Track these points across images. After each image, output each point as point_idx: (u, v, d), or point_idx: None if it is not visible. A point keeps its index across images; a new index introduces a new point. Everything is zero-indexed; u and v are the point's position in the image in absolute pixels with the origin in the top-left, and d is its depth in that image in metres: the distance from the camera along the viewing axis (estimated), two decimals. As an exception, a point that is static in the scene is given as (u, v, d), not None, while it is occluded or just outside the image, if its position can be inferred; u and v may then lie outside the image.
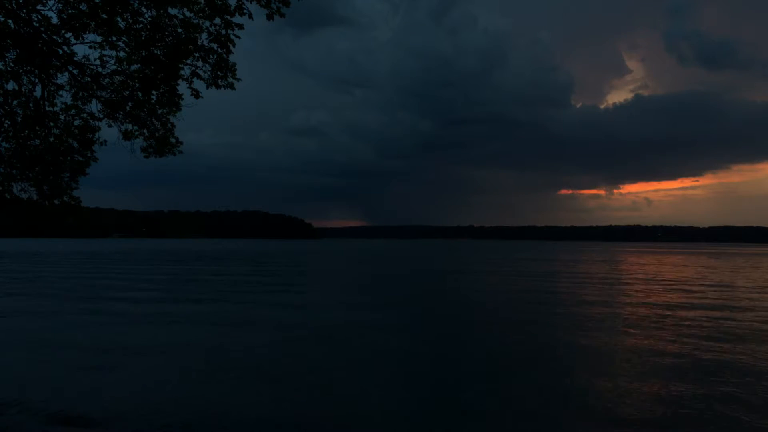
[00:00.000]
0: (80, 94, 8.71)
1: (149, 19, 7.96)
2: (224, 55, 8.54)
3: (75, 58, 8.25)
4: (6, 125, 8.36)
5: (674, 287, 29.78)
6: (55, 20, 7.78)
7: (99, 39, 8.04)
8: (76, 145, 8.94)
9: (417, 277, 37.63)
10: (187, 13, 8.06)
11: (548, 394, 9.41)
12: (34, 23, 7.73)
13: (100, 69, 8.45)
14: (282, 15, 8.43)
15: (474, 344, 13.94)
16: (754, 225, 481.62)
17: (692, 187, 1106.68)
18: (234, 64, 8.74)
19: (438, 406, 8.75)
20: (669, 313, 19.23)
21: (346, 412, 8.50)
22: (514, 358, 12.31)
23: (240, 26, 8.29)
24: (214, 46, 8.40)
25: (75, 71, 8.45)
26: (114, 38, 8.00)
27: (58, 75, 8.49)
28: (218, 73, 8.65)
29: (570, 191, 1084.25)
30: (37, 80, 8.40)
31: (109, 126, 8.98)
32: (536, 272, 43.00)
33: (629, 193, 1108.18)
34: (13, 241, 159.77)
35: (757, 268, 50.66)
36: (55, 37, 7.92)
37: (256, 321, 17.35)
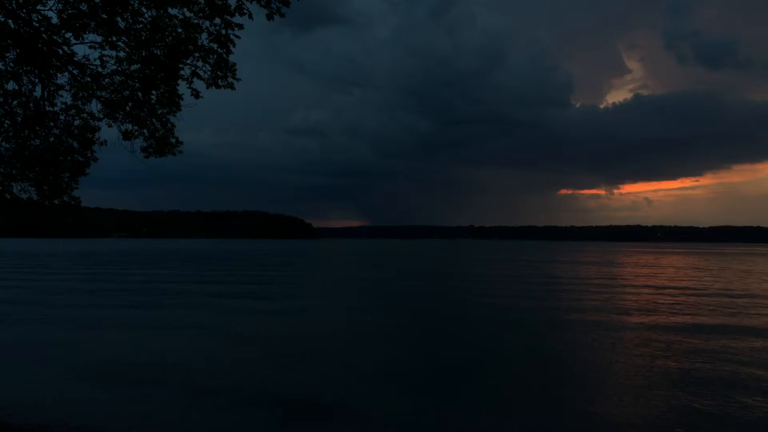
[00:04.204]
0: (80, 94, 8.72)
1: (149, 19, 7.97)
2: (224, 55, 8.54)
3: (75, 58, 8.25)
4: (6, 125, 8.36)
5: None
6: (55, 20, 7.78)
7: (99, 39, 8.04)
8: (76, 145, 8.94)
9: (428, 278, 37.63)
10: (187, 13, 8.06)
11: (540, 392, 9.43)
12: (34, 23, 7.73)
13: (100, 69, 8.46)
14: (282, 15, 8.43)
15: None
16: (754, 225, 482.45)
17: (692, 187, 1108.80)
18: (234, 64, 8.74)
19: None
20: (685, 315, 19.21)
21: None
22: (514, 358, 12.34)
23: (240, 26, 8.29)
24: (214, 46, 8.40)
25: (75, 71, 8.45)
26: (114, 38, 8.00)
27: (58, 75, 8.49)
28: (218, 73, 8.65)
29: (570, 191, 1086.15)
30: (37, 80, 8.40)
31: (109, 126, 8.99)
32: (538, 274, 43.01)
33: (629, 193, 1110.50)
34: (14, 241, 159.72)
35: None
36: (55, 37, 7.92)
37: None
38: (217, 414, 8.21)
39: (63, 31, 7.86)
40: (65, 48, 8.09)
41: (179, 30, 8.11)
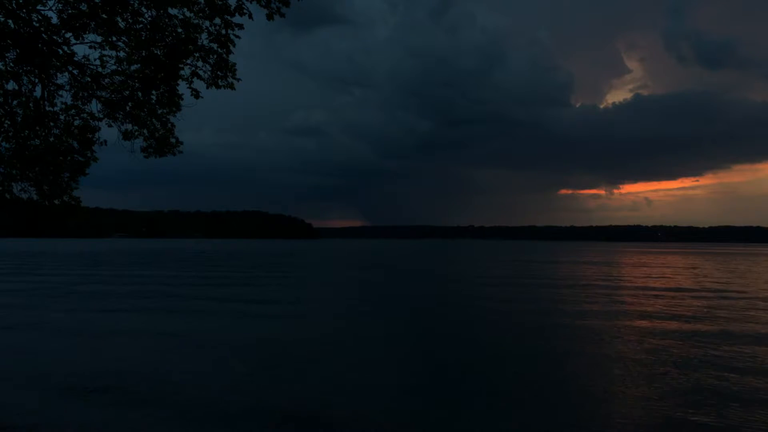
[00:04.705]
0: (80, 94, 8.72)
1: (149, 19, 7.97)
2: (224, 55, 8.55)
3: (75, 58, 8.26)
4: (6, 125, 8.36)
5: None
6: (55, 20, 7.78)
7: (99, 39, 8.04)
8: (76, 145, 8.95)
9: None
10: (187, 13, 8.06)
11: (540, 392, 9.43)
12: (34, 23, 7.73)
13: (100, 69, 8.46)
14: (282, 15, 8.43)
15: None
16: (754, 225, 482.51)
17: (692, 187, 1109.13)
18: (234, 64, 8.74)
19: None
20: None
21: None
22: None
23: (240, 26, 8.30)
24: (214, 46, 8.41)
25: (75, 71, 8.45)
26: (114, 38, 8.00)
27: (58, 75, 8.50)
28: (218, 73, 8.66)
29: (570, 191, 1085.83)
30: (37, 80, 8.40)
31: (109, 126, 8.99)
32: (538, 275, 42.98)
33: (629, 193, 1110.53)
34: (14, 241, 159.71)
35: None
36: (55, 37, 7.92)
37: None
38: (210, 429, 7.81)
39: (63, 31, 7.87)
40: (65, 48, 8.10)
41: (179, 30, 8.12)
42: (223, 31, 8.28)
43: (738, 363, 11.66)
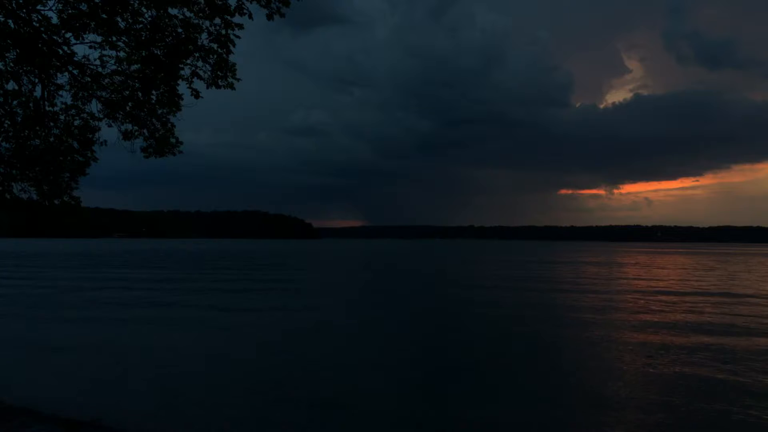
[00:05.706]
0: (80, 94, 8.72)
1: (149, 19, 7.96)
2: (224, 55, 8.54)
3: (75, 58, 8.25)
4: (6, 125, 8.36)
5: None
6: (55, 20, 7.77)
7: (99, 39, 8.04)
8: (76, 145, 8.95)
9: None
10: (187, 13, 8.06)
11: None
12: (34, 23, 7.72)
13: (100, 69, 8.45)
14: (282, 15, 8.43)
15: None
16: (754, 225, 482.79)
17: (692, 187, 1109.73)
18: (234, 64, 8.73)
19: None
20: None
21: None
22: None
23: (240, 26, 8.29)
24: (214, 46, 8.40)
25: (75, 71, 8.45)
26: (114, 38, 8.00)
27: (58, 75, 8.49)
28: (218, 73, 8.65)
29: (570, 191, 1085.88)
30: (37, 80, 8.40)
31: (109, 126, 8.99)
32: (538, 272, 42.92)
33: (629, 193, 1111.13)
34: (14, 241, 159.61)
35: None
36: (55, 37, 7.92)
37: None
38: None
39: (63, 31, 7.86)
40: (65, 48, 8.09)
41: (179, 30, 8.11)
42: (223, 31, 8.27)
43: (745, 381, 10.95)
